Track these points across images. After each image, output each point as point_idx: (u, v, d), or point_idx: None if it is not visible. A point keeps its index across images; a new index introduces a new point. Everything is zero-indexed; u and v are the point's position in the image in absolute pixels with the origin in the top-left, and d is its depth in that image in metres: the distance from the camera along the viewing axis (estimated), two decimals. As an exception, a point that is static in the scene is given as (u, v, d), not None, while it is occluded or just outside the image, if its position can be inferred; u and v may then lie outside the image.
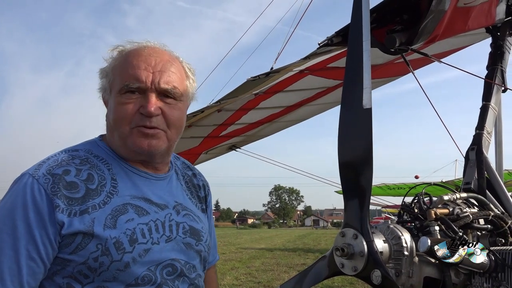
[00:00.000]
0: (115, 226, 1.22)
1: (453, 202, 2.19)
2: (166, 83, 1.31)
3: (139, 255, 1.23)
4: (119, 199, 1.26)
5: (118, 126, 1.31)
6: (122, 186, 1.30)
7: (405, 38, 2.27)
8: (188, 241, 1.36)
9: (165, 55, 1.36)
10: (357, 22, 1.82)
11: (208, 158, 5.72)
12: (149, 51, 1.33)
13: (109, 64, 1.36)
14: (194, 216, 1.44)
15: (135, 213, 1.27)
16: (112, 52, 1.36)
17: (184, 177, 1.54)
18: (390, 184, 21.48)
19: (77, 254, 1.18)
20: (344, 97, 1.85)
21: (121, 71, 1.31)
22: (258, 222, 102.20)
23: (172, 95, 1.33)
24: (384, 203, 16.28)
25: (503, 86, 2.81)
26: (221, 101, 3.60)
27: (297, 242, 27.73)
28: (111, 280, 1.20)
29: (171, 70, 1.33)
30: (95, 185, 1.25)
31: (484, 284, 1.90)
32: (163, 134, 1.33)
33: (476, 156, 2.57)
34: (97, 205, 1.22)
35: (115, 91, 1.31)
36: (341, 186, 1.80)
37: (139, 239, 1.24)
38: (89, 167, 1.28)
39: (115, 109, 1.30)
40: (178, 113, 1.36)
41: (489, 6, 2.58)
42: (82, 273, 1.19)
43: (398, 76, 4.37)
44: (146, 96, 1.29)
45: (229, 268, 13.11)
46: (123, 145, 1.32)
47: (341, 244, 1.74)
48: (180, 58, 1.42)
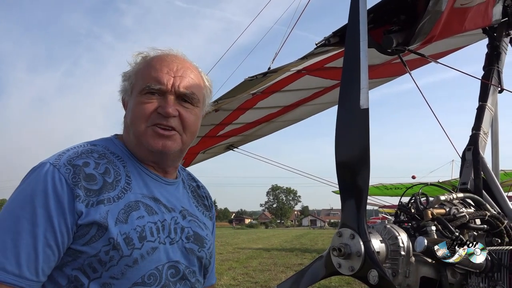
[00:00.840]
0: (126, 221, 1.24)
1: (450, 202, 2.20)
2: (185, 87, 1.37)
3: (147, 253, 1.25)
4: (132, 195, 1.30)
5: (135, 124, 1.35)
6: (135, 184, 1.33)
7: (402, 39, 2.27)
8: (190, 246, 1.39)
9: (187, 63, 1.43)
10: (354, 23, 1.83)
11: (205, 158, 5.71)
12: (172, 57, 1.41)
13: (132, 68, 1.43)
14: (200, 223, 1.47)
15: (146, 211, 1.30)
16: (136, 57, 1.43)
17: (189, 187, 1.58)
18: (387, 184, 21.54)
19: (90, 245, 1.20)
20: (341, 97, 1.85)
21: (144, 74, 1.38)
22: (255, 222, 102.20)
23: (190, 100, 1.39)
24: (381, 203, 16.31)
25: (500, 86, 2.82)
26: (219, 101, 3.60)
27: (294, 242, 27.76)
28: (119, 276, 1.21)
29: (191, 77, 1.40)
30: (111, 179, 1.29)
31: (481, 284, 1.91)
32: (178, 136, 1.38)
33: (472, 156, 2.58)
34: (112, 199, 1.25)
35: (136, 91, 1.37)
36: (338, 186, 1.81)
37: (148, 236, 1.27)
38: (107, 161, 1.32)
39: (134, 107, 1.36)
40: (194, 118, 1.41)
41: (486, 7, 2.59)
42: (92, 266, 1.20)
43: (395, 76, 4.38)
44: (165, 97, 1.35)
45: (226, 268, 13.11)
46: (138, 143, 1.37)
47: (338, 244, 1.74)
48: (199, 68, 1.49)
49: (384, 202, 14.98)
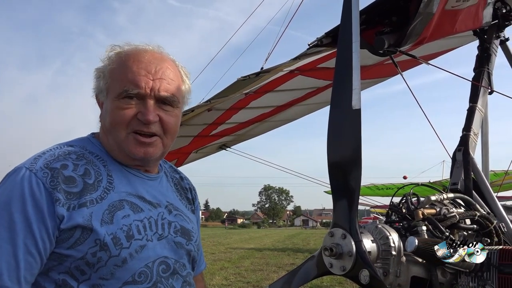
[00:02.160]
0: (112, 221, 1.22)
1: (440, 203, 2.22)
2: (165, 91, 1.33)
3: (136, 251, 1.23)
4: (115, 195, 1.27)
5: (114, 130, 1.31)
6: (118, 183, 1.30)
7: (394, 40, 2.29)
8: (178, 240, 1.38)
9: (164, 61, 1.37)
10: (346, 24, 1.84)
11: (198, 157, 5.69)
12: (149, 57, 1.34)
13: (105, 64, 1.36)
14: (185, 217, 1.46)
15: (131, 210, 1.28)
16: (110, 53, 1.36)
17: (173, 179, 1.55)
18: (379, 185, 21.67)
19: (75, 249, 1.17)
20: (333, 97, 1.86)
21: (119, 75, 1.31)
22: (247, 222, 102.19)
23: (170, 102, 1.35)
24: (372, 203, 16.39)
25: (490, 88, 2.85)
26: (211, 100, 3.59)
27: (287, 242, 27.78)
28: (108, 277, 1.19)
29: (170, 78, 1.35)
30: (92, 180, 1.26)
31: (470, 283, 1.93)
32: (160, 141, 1.35)
33: (463, 157, 2.60)
34: (95, 200, 1.22)
35: (113, 94, 1.31)
36: (330, 186, 1.82)
37: (135, 235, 1.25)
38: (85, 162, 1.28)
39: (112, 113, 1.31)
40: (175, 120, 1.38)
41: (477, 9, 2.62)
42: (79, 268, 1.18)
43: (387, 77, 4.41)
44: (144, 102, 1.30)
45: (218, 268, 13.08)
46: (118, 148, 1.34)
47: (329, 244, 1.75)
48: (176, 61, 1.43)
49: (376, 202, 15.04)
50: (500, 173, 11.33)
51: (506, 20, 2.94)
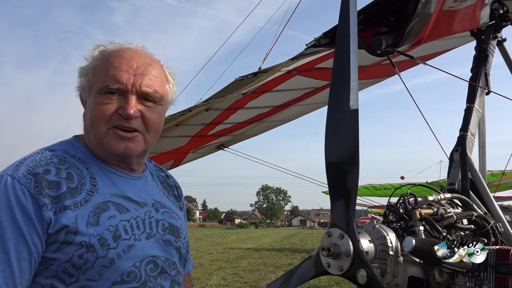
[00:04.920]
0: (98, 223, 1.21)
1: (438, 203, 2.23)
2: (147, 86, 1.31)
3: (123, 251, 1.23)
4: (99, 196, 1.26)
5: (94, 126, 1.30)
6: (102, 185, 1.29)
7: (391, 40, 2.30)
8: (167, 238, 1.37)
9: (147, 58, 1.36)
10: (344, 24, 1.84)
11: (195, 157, 5.69)
12: (131, 53, 1.33)
13: (89, 63, 1.35)
14: (173, 214, 1.45)
15: (116, 210, 1.27)
16: (93, 52, 1.35)
17: (158, 178, 1.55)
18: (376, 185, 21.71)
19: (62, 252, 1.17)
20: (331, 97, 1.86)
21: (101, 72, 1.30)
22: (245, 222, 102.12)
23: (152, 98, 1.33)
24: (370, 204, 16.43)
25: (487, 88, 2.86)
26: (209, 100, 3.59)
27: (284, 242, 27.80)
28: (96, 278, 1.19)
29: (152, 74, 1.34)
30: (75, 184, 1.24)
31: (467, 283, 1.93)
32: (141, 137, 1.33)
33: (460, 157, 2.61)
34: (79, 203, 1.21)
35: (94, 91, 1.30)
36: (328, 187, 1.81)
37: (122, 235, 1.24)
38: (68, 166, 1.27)
39: (93, 109, 1.30)
40: (157, 116, 1.37)
41: (474, 10, 2.63)
42: (67, 271, 1.17)
43: (385, 77, 4.42)
44: (126, 98, 1.29)
45: (216, 268, 13.07)
46: (99, 145, 1.32)
47: (327, 244, 1.75)
48: (161, 62, 1.42)
49: (373, 202, 15.08)
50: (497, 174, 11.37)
51: (503, 21, 2.96)
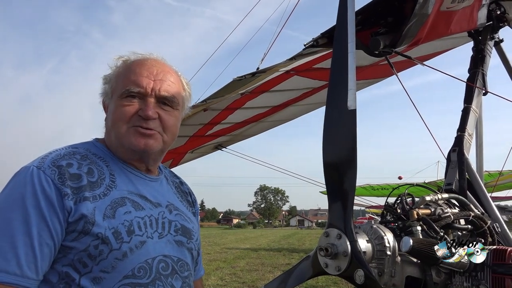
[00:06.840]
0: (114, 216, 1.28)
1: (435, 203, 2.23)
2: (165, 91, 1.42)
3: (136, 246, 1.29)
4: (117, 192, 1.34)
5: (116, 126, 1.39)
6: (120, 182, 1.37)
7: (389, 41, 2.30)
8: (179, 239, 1.43)
9: (166, 67, 1.48)
10: (342, 24, 1.84)
11: (193, 158, 5.69)
12: (152, 62, 1.45)
13: (113, 71, 1.47)
14: (185, 216, 1.51)
15: (132, 207, 1.34)
16: (117, 61, 1.47)
17: (173, 183, 1.62)
18: (374, 185, 21.78)
19: (79, 241, 1.23)
20: (329, 98, 1.86)
21: (124, 78, 1.42)
22: (243, 222, 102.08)
23: (170, 103, 1.43)
24: (368, 204, 16.47)
25: (484, 89, 2.87)
26: (207, 100, 3.59)
27: (282, 242, 27.81)
28: (109, 270, 1.24)
29: (171, 80, 1.45)
30: (95, 178, 1.33)
31: (464, 283, 1.94)
32: (159, 136, 1.42)
33: (457, 157, 2.62)
34: (98, 196, 1.29)
35: (116, 95, 1.41)
36: (326, 187, 1.82)
37: (136, 231, 1.30)
38: (89, 162, 1.36)
39: (115, 110, 1.40)
40: (174, 119, 1.46)
41: (471, 11, 2.63)
42: (82, 261, 1.24)
43: (382, 77, 4.43)
44: (145, 101, 1.39)
45: (214, 268, 13.07)
46: (120, 144, 1.41)
47: (325, 244, 1.75)
48: (179, 72, 1.53)
49: (371, 202, 15.14)
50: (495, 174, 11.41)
51: (501, 22, 2.96)
